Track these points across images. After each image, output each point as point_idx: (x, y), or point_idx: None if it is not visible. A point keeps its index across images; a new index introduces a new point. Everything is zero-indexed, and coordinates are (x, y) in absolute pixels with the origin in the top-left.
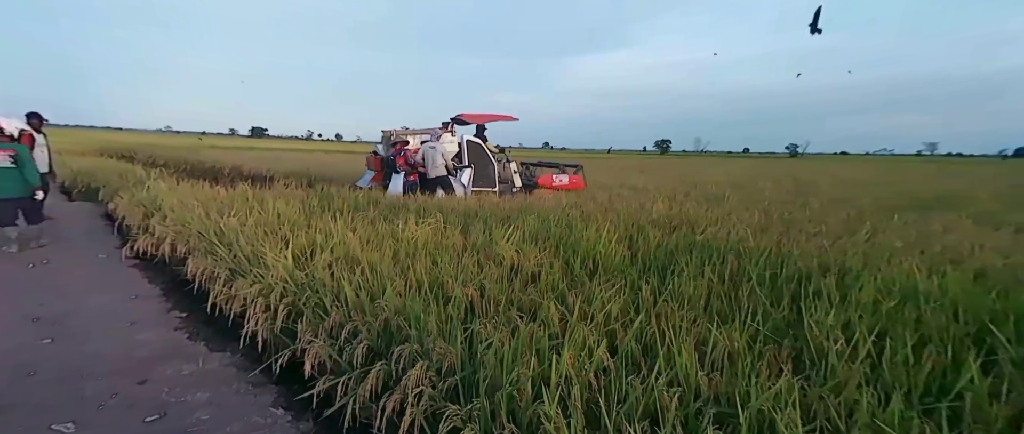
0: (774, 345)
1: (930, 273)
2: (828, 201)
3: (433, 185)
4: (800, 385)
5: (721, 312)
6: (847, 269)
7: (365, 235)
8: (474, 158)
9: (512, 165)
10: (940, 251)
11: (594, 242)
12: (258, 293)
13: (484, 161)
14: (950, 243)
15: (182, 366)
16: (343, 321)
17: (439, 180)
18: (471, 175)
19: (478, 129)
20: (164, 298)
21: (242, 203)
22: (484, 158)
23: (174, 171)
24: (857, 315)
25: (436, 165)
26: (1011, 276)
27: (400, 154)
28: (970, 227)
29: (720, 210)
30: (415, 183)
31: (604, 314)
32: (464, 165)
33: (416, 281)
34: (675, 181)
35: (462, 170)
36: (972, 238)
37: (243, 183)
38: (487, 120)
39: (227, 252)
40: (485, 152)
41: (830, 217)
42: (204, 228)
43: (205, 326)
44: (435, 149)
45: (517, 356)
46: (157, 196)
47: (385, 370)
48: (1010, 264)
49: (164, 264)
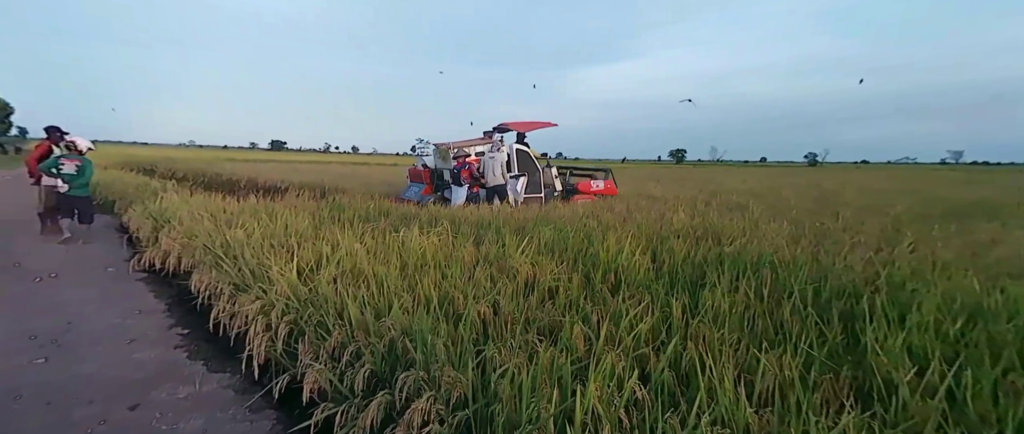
0: (830, 374)
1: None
2: (858, 210)
3: (491, 194)
4: (867, 424)
5: (765, 334)
6: (898, 284)
7: (373, 247)
8: (523, 166)
9: (553, 171)
10: (995, 262)
11: (615, 254)
12: (259, 310)
13: (532, 169)
14: (1004, 255)
15: (178, 388)
16: (346, 341)
17: (496, 189)
18: (524, 183)
19: (519, 137)
20: (168, 313)
21: (251, 214)
22: (532, 166)
23: (192, 183)
24: (923, 337)
25: (495, 175)
26: None
27: (465, 167)
28: (1020, 237)
29: (745, 220)
30: (478, 195)
31: (633, 336)
32: (517, 174)
33: (424, 297)
34: (693, 190)
35: (516, 178)
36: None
37: (255, 194)
38: (530, 128)
39: (232, 265)
40: (532, 160)
41: (865, 227)
42: (210, 240)
43: (206, 344)
44: (494, 159)
45: (536, 386)
46: (168, 208)
47: (388, 400)
48: None
49: (171, 278)
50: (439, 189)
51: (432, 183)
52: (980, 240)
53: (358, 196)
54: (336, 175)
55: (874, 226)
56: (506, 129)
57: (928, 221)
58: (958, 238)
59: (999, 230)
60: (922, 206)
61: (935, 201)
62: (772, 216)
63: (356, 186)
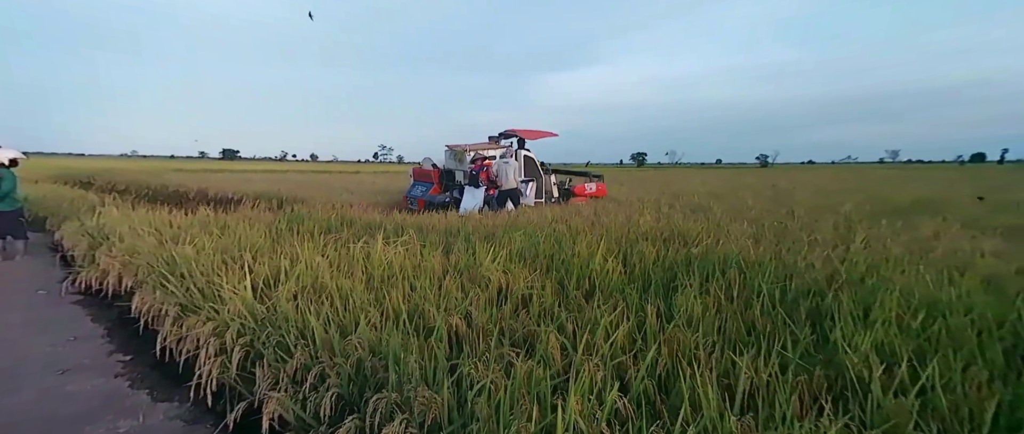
0: (805, 375)
1: (944, 282)
2: (811, 209)
3: (503, 198)
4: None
5: (738, 336)
6: (857, 281)
7: (336, 259)
8: (530, 172)
9: (552, 177)
10: (941, 257)
11: (587, 259)
12: (211, 332)
13: (537, 174)
14: (950, 249)
15: (118, 422)
16: (309, 363)
17: (509, 193)
18: (535, 188)
19: (519, 143)
20: (107, 339)
21: (200, 228)
22: (537, 171)
23: (134, 196)
24: (890, 333)
25: (508, 179)
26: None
27: (482, 170)
28: (960, 232)
29: (708, 221)
30: (493, 197)
31: (610, 344)
32: (528, 179)
33: (393, 311)
34: (656, 192)
35: (527, 183)
36: (967, 243)
37: (206, 207)
38: (534, 136)
39: (179, 285)
40: (537, 166)
41: (819, 225)
42: (154, 258)
43: (151, 371)
44: (508, 164)
45: (515, 403)
46: (106, 224)
47: (357, 426)
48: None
49: (111, 299)
50: (448, 189)
51: (441, 183)
52: (924, 235)
53: (318, 206)
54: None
55: (828, 224)
56: (512, 135)
57: (876, 217)
58: (905, 233)
59: (941, 225)
60: (869, 204)
61: (880, 199)
62: (733, 216)
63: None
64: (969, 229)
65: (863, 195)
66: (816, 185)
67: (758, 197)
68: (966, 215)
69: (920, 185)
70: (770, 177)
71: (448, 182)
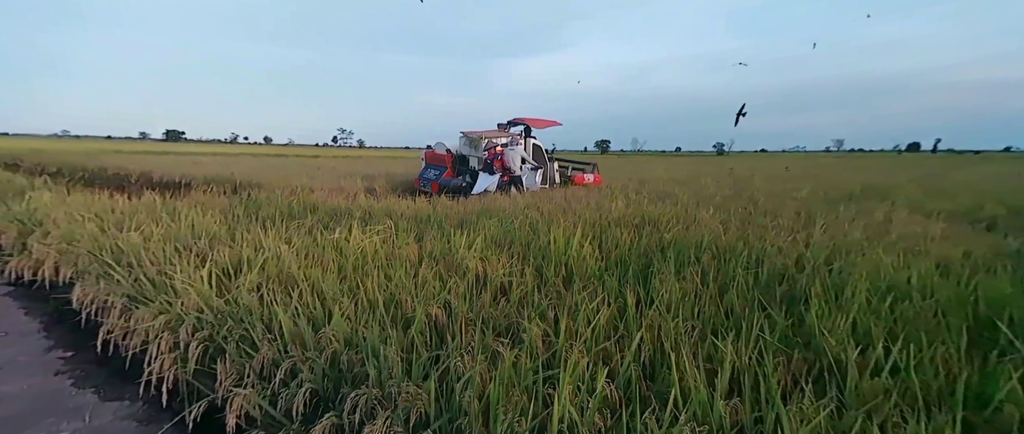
0: (784, 357)
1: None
2: (769, 195)
3: (509, 184)
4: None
5: (717, 320)
6: (824, 264)
7: (303, 247)
8: (538, 159)
9: (554, 165)
10: (896, 241)
11: (564, 246)
12: (164, 326)
13: (544, 160)
14: (902, 233)
15: (61, 425)
16: (277, 358)
17: (515, 179)
18: (541, 174)
19: (526, 131)
20: (44, 334)
21: (147, 215)
22: (544, 159)
23: (69, 180)
24: (863, 317)
25: (516, 165)
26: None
27: (498, 158)
28: (907, 217)
29: (677, 208)
30: (507, 182)
31: (593, 329)
32: (536, 165)
33: (368, 302)
34: (623, 179)
35: (535, 170)
36: (916, 227)
37: (152, 191)
38: (540, 125)
39: (126, 275)
40: (543, 154)
41: (781, 211)
42: (96, 246)
43: (96, 368)
44: (515, 151)
45: (504, 395)
46: (38, 208)
47: (335, 423)
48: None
49: (48, 291)
50: (461, 174)
51: (454, 168)
52: (878, 220)
53: (277, 191)
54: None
55: (788, 210)
56: (518, 123)
57: (831, 203)
58: (860, 219)
59: (890, 209)
60: (823, 190)
61: (832, 186)
62: (698, 202)
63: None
64: (915, 213)
65: (817, 183)
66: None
67: (720, 184)
68: (910, 200)
69: (867, 173)
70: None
71: (461, 167)
